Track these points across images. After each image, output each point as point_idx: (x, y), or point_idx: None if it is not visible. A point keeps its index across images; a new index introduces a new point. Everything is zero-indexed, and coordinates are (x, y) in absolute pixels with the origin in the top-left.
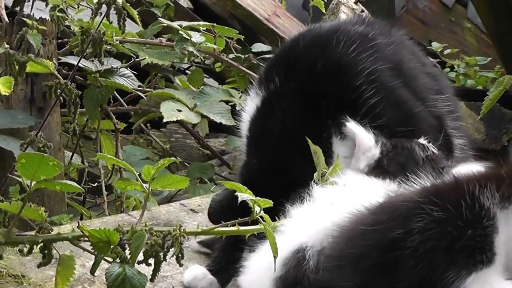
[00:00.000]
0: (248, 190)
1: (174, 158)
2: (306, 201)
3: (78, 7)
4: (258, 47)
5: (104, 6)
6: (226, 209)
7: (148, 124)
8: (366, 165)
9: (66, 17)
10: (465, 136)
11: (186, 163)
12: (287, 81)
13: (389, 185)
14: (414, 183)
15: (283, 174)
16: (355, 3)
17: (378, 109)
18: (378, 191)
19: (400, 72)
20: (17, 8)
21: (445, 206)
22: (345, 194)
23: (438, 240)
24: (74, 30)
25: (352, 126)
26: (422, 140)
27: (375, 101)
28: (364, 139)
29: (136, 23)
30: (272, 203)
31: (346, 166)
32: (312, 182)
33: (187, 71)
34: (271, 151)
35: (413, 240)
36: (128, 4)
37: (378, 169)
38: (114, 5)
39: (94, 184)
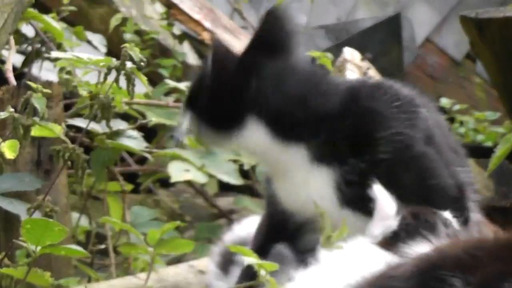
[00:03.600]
0: (254, 254)
1: (179, 222)
2: (311, 264)
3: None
4: None
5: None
6: None
7: (157, 184)
8: (381, 234)
9: (73, 78)
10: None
11: (195, 223)
12: None
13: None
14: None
15: None
16: (362, 60)
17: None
18: (381, 260)
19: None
20: (26, 69)
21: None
22: (350, 259)
23: None
24: (82, 94)
25: (377, 189)
26: (446, 214)
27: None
28: (385, 207)
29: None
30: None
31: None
32: (318, 245)
33: None
34: None
35: None
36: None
37: (393, 240)
38: (123, 70)
39: (102, 245)
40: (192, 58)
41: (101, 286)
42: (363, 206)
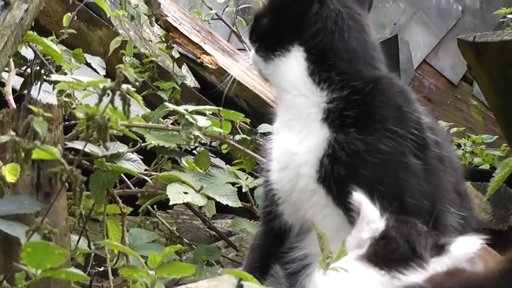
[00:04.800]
0: (254, 279)
1: (179, 245)
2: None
3: (84, 90)
4: (265, 127)
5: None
6: None
7: (155, 206)
8: (369, 237)
9: (73, 101)
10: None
11: (193, 245)
12: None
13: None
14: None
15: None
16: None
17: None
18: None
19: None
20: (25, 91)
21: None
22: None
23: None
24: (79, 117)
25: (358, 196)
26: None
27: None
28: (369, 210)
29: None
30: None
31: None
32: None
33: (194, 151)
34: None
35: None
36: (134, 90)
37: (384, 241)
38: (118, 91)
39: (101, 267)
40: (190, 80)
41: None
42: (335, 193)
